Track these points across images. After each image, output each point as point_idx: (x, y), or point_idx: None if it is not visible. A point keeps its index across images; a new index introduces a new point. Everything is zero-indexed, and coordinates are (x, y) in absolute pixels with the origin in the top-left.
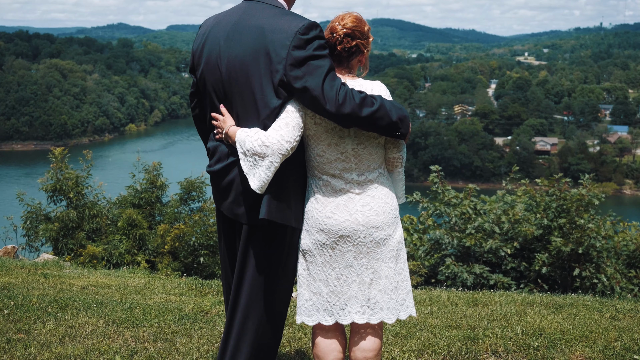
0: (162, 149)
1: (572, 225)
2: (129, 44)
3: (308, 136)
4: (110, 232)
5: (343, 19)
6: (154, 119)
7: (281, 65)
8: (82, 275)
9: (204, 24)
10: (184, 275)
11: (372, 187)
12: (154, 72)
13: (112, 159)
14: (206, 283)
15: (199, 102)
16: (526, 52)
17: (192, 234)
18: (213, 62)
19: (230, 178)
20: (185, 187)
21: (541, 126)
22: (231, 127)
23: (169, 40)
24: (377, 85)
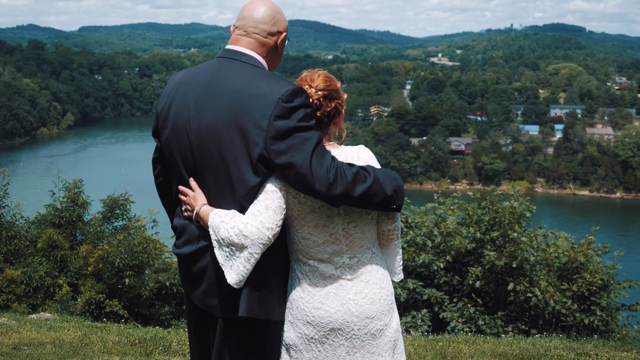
0: (75, 153)
1: (505, 239)
2: (40, 45)
3: (291, 217)
4: (30, 254)
5: (312, 80)
6: (67, 122)
7: (261, 138)
8: (10, 329)
9: (171, 82)
10: (122, 321)
11: (365, 271)
12: (66, 75)
13: (24, 163)
14: (149, 336)
15: (162, 169)
16: (440, 53)
17: (117, 255)
18: (181, 129)
19: (202, 265)
20: (109, 205)
21: (455, 126)
22: (203, 207)
23: (82, 41)
24: (363, 152)
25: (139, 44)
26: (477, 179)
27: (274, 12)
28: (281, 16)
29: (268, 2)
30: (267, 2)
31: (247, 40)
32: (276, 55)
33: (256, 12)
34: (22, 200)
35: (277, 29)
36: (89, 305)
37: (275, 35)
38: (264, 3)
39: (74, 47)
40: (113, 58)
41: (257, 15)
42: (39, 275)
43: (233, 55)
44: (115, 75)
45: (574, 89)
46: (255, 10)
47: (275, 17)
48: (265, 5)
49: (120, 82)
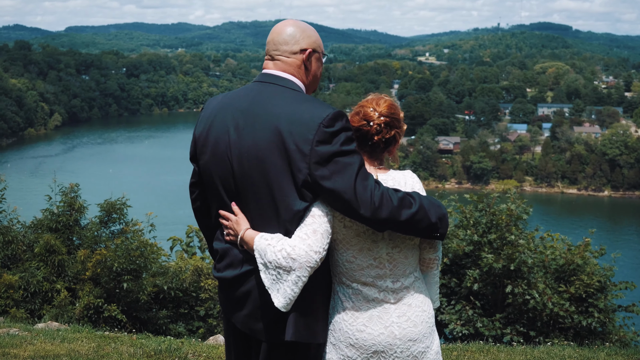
0: (64, 154)
1: (503, 241)
2: (27, 45)
3: (336, 240)
4: (27, 259)
5: (378, 104)
6: (54, 122)
7: (304, 164)
8: (24, 341)
9: (208, 106)
10: (134, 332)
11: (408, 295)
12: (53, 75)
13: (11, 164)
14: (164, 347)
15: (201, 193)
16: (427, 52)
17: (115, 259)
18: (221, 154)
19: (246, 289)
20: (106, 209)
21: (444, 125)
22: (247, 232)
23: (68, 42)
24: (410, 178)
25: (126, 44)
26: (465, 177)
27: (296, 30)
28: (305, 33)
29: (290, 22)
30: (289, 22)
31: (274, 63)
32: (310, 75)
33: (277, 34)
34: (13, 203)
35: (300, 46)
36: (87, 310)
37: (299, 54)
38: (285, 24)
39: (61, 47)
40: (100, 58)
41: (277, 37)
42: (36, 280)
43: (270, 79)
44: (103, 75)
45: (561, 88)
46: (276, 33)
47: (296, 36)
48: (286, 26)
49: (107, 82)
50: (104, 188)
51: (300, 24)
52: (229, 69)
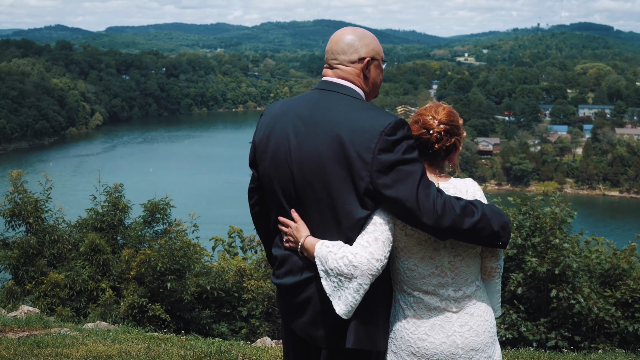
0: (104, 153)
1: (547, 245)
2: (68, 46)
3: (397, 248)
4: (72, 258)
5: (437, 112)
6: (95, 122)
7: (366, 172)
8: (76, 341)
9: (267, 113)
10: (182, 334)
11: (470, 304)
12: (94, 75)
13: (53, 163)
14: (213, 349)
15: (260, 199)
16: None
17: (158, 259)
18: (282, 161)
19: (307, 296)
20: (149, 209)
21: (483, 126)
22: (307, 239)
23: (109, 42)
24: (471, 186)
25: (165, 44)
26: (505, 179)
27: (354, 39)
28: (363, 41)
29: (349, 30)
30: (347, 30)
31: (333, 72)
32: (369, 83)
33: (335, 43)
34: (56, 201)
35: (359, 55)
36: (131, 309)
37: (358, 63)
38: (343, 32)
39: (102, 47)
40: (140, 58)
41: (335, 46)
42: (82, 279)
43: (330, 86)
44: (143, 75)
45: (602, 89)
46: (334, 42)
47: (354, 45)
48: (344, 34)
49: (147, 82)
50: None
51: (359, 31)
52: (268, 69)
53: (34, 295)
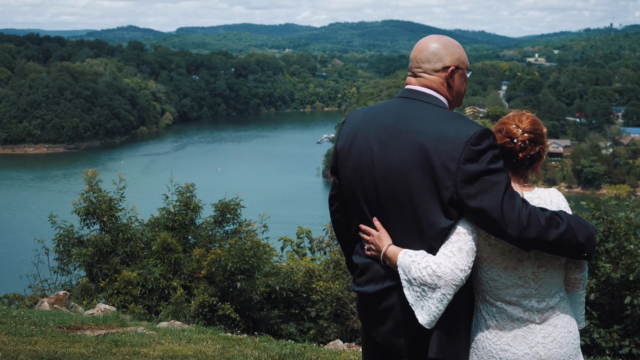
0: (174, 152)
1: (621, 250)
2: (140, 46)
3: (480, 258)
4: (145, 256)
5: (520, 120)
6: (165, 121)
7: (451, 182)
8: (152, 340)
9: (350, 120)
10: (255, 334)
11: (553, 315)
12: (165, 75)
13: (124, 162)
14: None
15: (341, 206)
16: (536, 53)
17: (229, 258)
18: (364, 169)
19: (388, 304)
20: (220, 209)
21: (553, 128)
22: (390, 247)
23: (179, 42)
24: (556, 196)
25: (234, 45)
26: (576, 182)
27: (439, 47)
28: (447, 50)
29: (433, 39)
30: (432, 38)
31: (417, 80)
32: (453, 92)
33: (419, 51)
34: (127, 199)
35: (443, 64)
36: (202, 308)
37: (442, 71)
38: (428, 41)
39: (172, 47)
40: (210, 59)
41: (419, 55)
42: (154, 277)
43: (414, 95)
44: (212, 75)
45: None
46: (418, 50)
47: (438, 53)
48: (429, 42)
49: (216, 82)
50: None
51: (444, 39)
52: (335, 70)
53: (107, 292)
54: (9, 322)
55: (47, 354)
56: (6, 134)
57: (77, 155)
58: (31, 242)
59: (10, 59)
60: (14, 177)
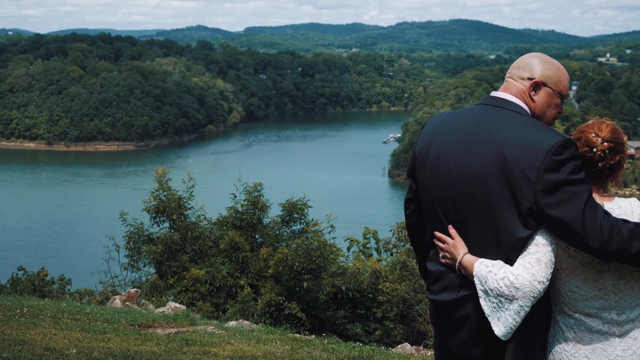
0: (241, 150)
1: None
2: (208, 45)
3: (559, 269)
4: (213, 255)
5: (600, 129)
6: (232, 120)
7: (530, 191)
8: (222, 340)
9: (429, 124)
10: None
11: (634, 328)
12: (232, 74)
13: (192, 160)
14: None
15: (416, 210)
16: (608, 53)
17: (296, 258)
18: (442, 174)
19: (463, 314)
20: (287, 209)
21: (625, 129)
22: (466, 257)
23: (247, 42)
24: (637, 207)
25: (301, 44)
26: None
27: (535, 61)
28: (543, 65)
29: (536, 54)
30: (536, 54)
31: (503, 86)
32: (535, 106)
33: (518, 60)
34: (195, 197)
35: (530, 74)
36: (268, 307)
37: (527, 80)
38: (531, 54)
39: (240, 47)
40: (277, 58)
41: (516, 62)
42: (221, 276)
43: (496, 102)
44: (279, 74)
45: None
46: (519, 59)
47: (531, 64)
48: (531, 55)
49: (283, 81)
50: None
51: (547, 58)
52: (402, 69)
53: (175, 289)
54: (82, 318)
55: (119, 351)
56: (78, 131)
57: (146, 152)
58: (101, 238)
59: (83, 59)
60: (85, 174)
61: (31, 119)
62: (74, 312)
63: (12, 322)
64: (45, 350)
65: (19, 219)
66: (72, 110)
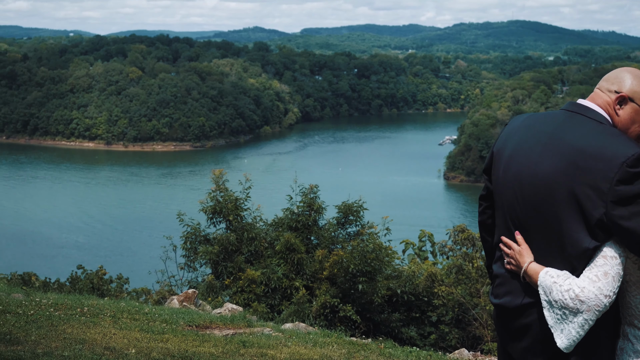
0: (296, 151)
1: None
2: (265, 47)
3: (628, 282)
4: (268, 256)
5: None
6: (288, 121)
7: (601, 202)
8: (279, 342)
9: (511, 123)
10: (379, 338)
11: None
12: (289, 75)
13: (248, 160)
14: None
15: (488, 207)
16: None
17: (351, 260)
18: (513, 175)
19: (526, 322)
20: (343, 211)
21: None
22: (531, 265)
23: (303, 43)
24: None
25: (357, 46)
26: None
27: (627, 76)
28: (634, 81)
29: (628, 68)
30: (627, 68)
31: (591, 95)
32: (619, 120)
33: (611, 72)
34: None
35: (617, 87)
36: (323, 309)
37: (613, 94)
38: (625, 68)
39: (296, 48)
40: (333, 59)
41: (607, 74)
42: (277, 277)
43: (578, 109)
44: (335, 76)
45: None
46: (610, 72)
47: (621, 78)
48: (625, 69)
49: (339, 82)
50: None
51: (633, 70)
52: (459, 71)
53: (231, 290)
54: (141, 318)
55: (178, 352)
56: (136, 131)
57: (202, 153)
58: (158, 237)
59: (142, 60)
60: (143, 174)
61: (91, 119)
62: (132, 312)
63: (73, 321)
64: (105, 349)
65: (77, 218)
66: (130, 110)
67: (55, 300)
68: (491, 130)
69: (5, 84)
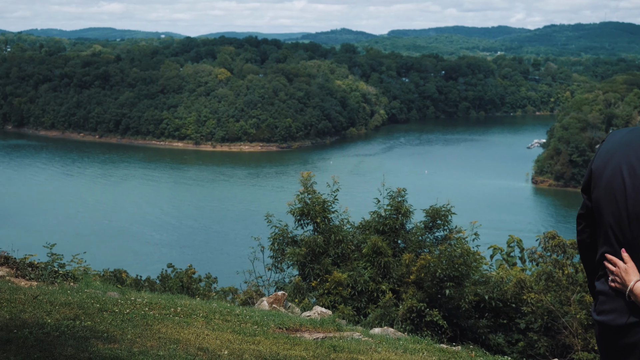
0: (382, 153)
1: None
2: (352, 49)
3: None
4: (355, 259)
5: None
6: (374, 123)
7: None
8: (368, 348)
9: (609, 140)
10: (470, 346)
11: None
12: (375, 77)
13: (333, 161)
14: None
15: (588, 226)
16: None
17: (438, 265)
18: (617, 193)
19: (631, 341)
20: (431, 215)
21: None
22: (637, 284)
23: (390, 45)
24: None
25: (445, 47)
26: None
27: None
28: None
29: None
30: None
31: None
32: None
33: None
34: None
35: None
36: (410, 313)
37: None
38: None
39: (383, 50)
40: (420, 61)
41: None
42: (363, 280)
43: None
44: (422, 78)
45: None
46: None
47: None
48: None
49: (426, 84)
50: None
51: None
52: (549, 73)
53: (318, 292)
54: (233, 320)
55: (269, 354)
56: (224, 132)
57: (288, 154)
58: (245, 237)
59: (230, 61)
60: (230, 174)
61: (180, 119)
62: (224, 313)
63: (167, 321)
64: (199, 350)
65: (167, 216)
66: (218, 111)
67: (149, 300)
68: (581, 134)
69: (98, 84)
